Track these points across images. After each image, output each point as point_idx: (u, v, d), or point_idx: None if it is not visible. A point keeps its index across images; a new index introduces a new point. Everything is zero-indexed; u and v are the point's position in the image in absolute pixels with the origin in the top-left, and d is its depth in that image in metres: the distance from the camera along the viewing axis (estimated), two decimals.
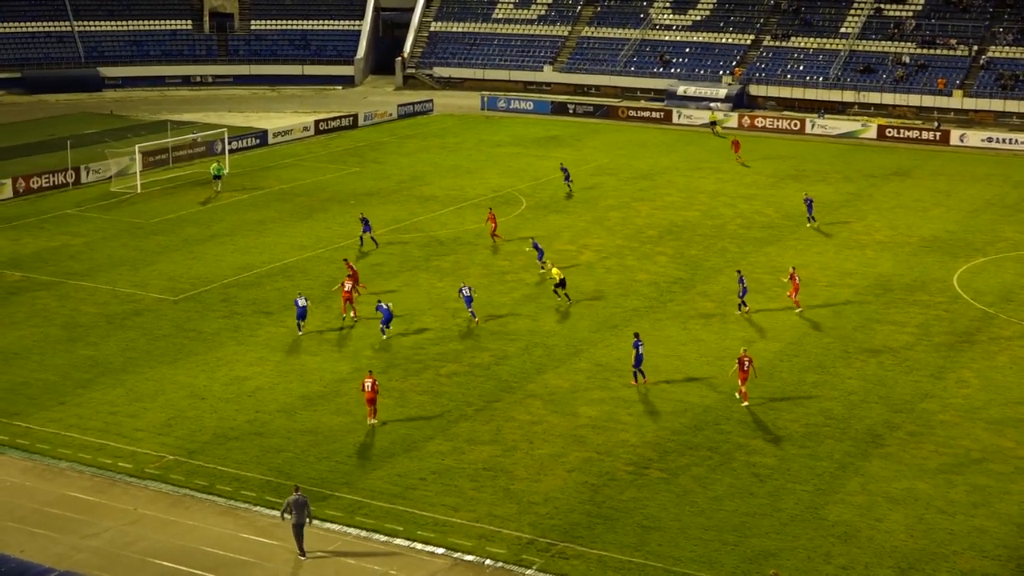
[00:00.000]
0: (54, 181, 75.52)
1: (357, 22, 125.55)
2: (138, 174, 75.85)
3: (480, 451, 38.78)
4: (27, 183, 74.06)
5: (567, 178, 74.10)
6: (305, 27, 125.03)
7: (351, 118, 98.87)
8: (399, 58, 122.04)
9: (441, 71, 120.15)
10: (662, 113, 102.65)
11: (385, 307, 48.69)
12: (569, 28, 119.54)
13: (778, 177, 79.41)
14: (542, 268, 57.22)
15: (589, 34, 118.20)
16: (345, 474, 37.16)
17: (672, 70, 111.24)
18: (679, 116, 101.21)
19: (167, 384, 44.11)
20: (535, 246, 58.28)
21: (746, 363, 41.96)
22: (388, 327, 48.59)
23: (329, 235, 63.97)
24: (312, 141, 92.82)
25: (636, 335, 44.43)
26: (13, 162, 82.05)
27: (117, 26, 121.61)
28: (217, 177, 74.29)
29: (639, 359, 43.62)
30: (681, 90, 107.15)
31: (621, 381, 44.21)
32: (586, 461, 38.12)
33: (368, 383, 40.49)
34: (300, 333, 48.84)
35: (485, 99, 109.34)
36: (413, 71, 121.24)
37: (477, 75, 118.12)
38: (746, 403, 42.07)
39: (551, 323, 50.53)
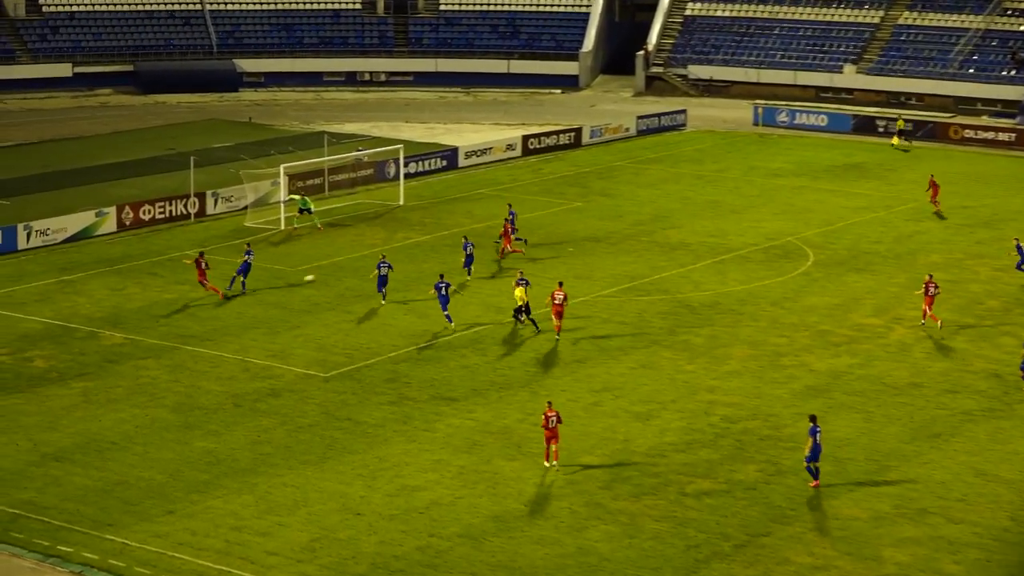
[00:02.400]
0: (171, 211, 78.12)
1: (585, 2, 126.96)
2: (282, 204, 77.79)
3: None
4: (136, 213, 76.74)
5: (512, 226, 71.00)
6: (513, 8, 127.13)
7: (573, 134, 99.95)
8: (641, 52, 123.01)
9: (699, 71, 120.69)
10: (1013, 134, 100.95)
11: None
12: (881, 13, 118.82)
13: None
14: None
15: (909, 21, 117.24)
16: None
17: None
18: None
19: (311, 492, 44.84)
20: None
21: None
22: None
23: (538, 292, 64.45)
24: (519, 164, 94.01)
25: (813, 419, 44.96)
26: (119, 184, 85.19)
27: (260, 5, 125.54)
28: (306, 211, 75.91)
29: (816, 451, 44.45)
30: None
31: (944, 516, 43.23)
32: None
33: (552, 417, 45.26)
34: (383, 302, 62.63)
35: (759, 110, 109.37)
36: (660, 70, 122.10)
37: (749, 77, 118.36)
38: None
39: (845, 427, 49.78)
